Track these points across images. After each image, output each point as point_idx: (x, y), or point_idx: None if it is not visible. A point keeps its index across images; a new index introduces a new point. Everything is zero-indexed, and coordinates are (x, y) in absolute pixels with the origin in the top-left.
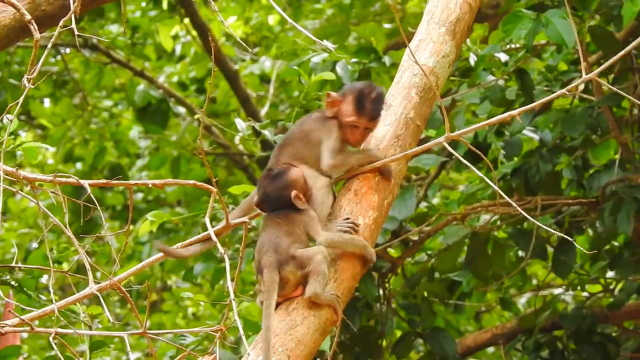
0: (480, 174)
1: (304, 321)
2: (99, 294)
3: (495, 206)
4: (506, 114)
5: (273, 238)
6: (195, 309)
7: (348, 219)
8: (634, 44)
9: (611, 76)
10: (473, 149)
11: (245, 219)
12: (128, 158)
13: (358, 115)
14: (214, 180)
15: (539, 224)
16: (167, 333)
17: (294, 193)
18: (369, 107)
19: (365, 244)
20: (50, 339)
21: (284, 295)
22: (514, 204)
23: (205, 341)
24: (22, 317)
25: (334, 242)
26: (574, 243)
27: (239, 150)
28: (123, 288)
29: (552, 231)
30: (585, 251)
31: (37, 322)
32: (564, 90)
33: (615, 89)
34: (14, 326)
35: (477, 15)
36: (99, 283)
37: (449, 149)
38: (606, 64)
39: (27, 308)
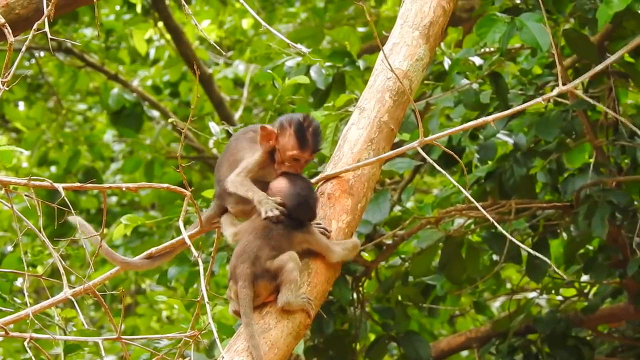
0: (452, 179)
1: (278, 325)
2: (72, 299)
3: (469, 210)
4: (480, 120)
5: (255, 248)
6: (169, 312)
7: (319, 224)
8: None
9: (586, 80)
10: (448, 151)
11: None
12: (102, 161)
13: (300, 149)
14: (185, 182)
15: (507, 234)
16: (141, 339)
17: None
18: (311, 140)
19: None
20: (25, 343)
21: (256, 304)
22: (483, 211)
23: (179, 345)
24: None
25: (345, 257)
26: (541, 257)
27: (212, 154)
28: (97, 292)
29: (517, 241)
30: (550, 263)
31: (11, 326)
32: (539, 99)
33: (588, 99)
34: None
35: (451, 19)
36: (74, 287)
37: (423, 154)
38: (583, 77)
39: (3, 309)
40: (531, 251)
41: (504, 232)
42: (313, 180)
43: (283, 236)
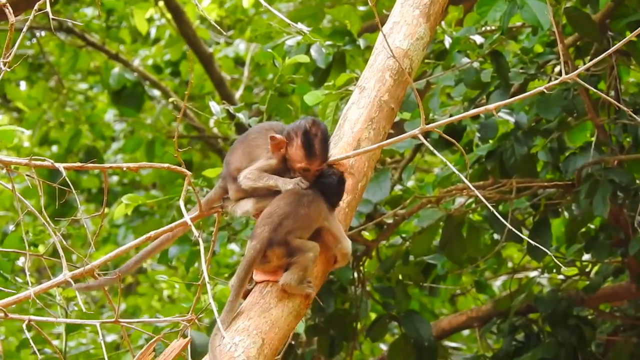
0: (449, 163)
1: (278, 304)
2: (71, 281)
3: (470, 189)
4: (482, 108)
5: (282, 215)
6: (170, 291)
7: None
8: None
9: (587, 58)
10: (447, 137)
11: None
12: (103, 141)
13: (309, 160)
14: (182, 164)
15: (499, 214)
16: (139, 322)
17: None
18: (319, 149)
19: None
20: (24, 326)
21: (261, 270)
22: (479, 195)
23: (181, 328)
24: None
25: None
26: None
27: (213, 133)
28: (99, 272)
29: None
30: (547, 250)
31: (13, 306)
32: (542, 88)
33: (590, 87)
34: None
35: None
36: (75, 266)
37: (423, 140)
38: (587, 65)
39: (4, 290)
40: (525, 237)
41: (497, 215)
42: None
43: (311, 208)
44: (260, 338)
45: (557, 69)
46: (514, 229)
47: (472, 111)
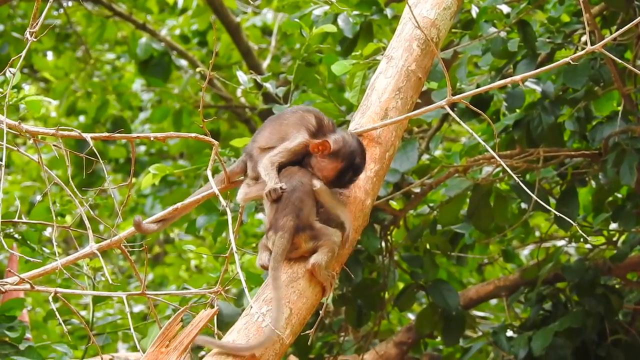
0: (475, 134)
1: (306, 274)
2: (98, 253)
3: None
4: (509, 79)
5: (298, 200)
6: (198, 261)
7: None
8: None
9: (614, 27)
10: (473, 108)
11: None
12: (130, 111)
13: (333, 183)
14: (208, 134)
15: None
16: (165, 294)
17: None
18: (347, 181)
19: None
20: (50, 297)
21: (292, 256)
22: (505, 166)
23: (208, 301)
24: (23, 275)
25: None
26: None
27: (240, 103)
28: (126, 243)
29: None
30: (573, 223)
31: (40, 277)
32: (568, 59)
33: (616, 58)
34: (15, 284)
35: None
36: (101, 238)
37: (449, 111)
38: (613, 35)
39: (31, 260)
40: (551, 209)
41: (522, 185)
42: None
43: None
44: (289, 308)
45: (583, 39)
46: (540, 201)
47: (499, 82)
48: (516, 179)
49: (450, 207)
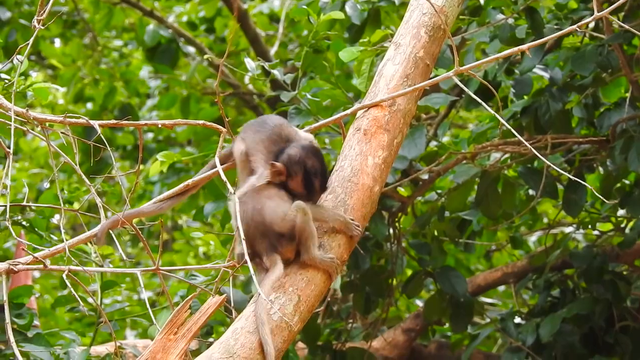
0: (490, 109)
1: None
2: (110, 232)
3: (505, 145)
4: (515, 49)
5: (256, 217)
6: (205, 248)
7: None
8: None
9: (621, 14)
10: (483, 82)
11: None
12: (138, 98)
13: (308, 195)
14: (226, 120)
15: (549, 163)
16: (179, 269)
17: None
18: (318, 185)
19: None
20: (64, 276)
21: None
22: (524, 142)
23: (215, 282)
24: (35, 254)
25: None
26: (584, 183)
27: (248, 89)
28: (134, 224)
29: (560, 170)
30: (594, 191)
31: (49, 261)
32: (574, 27)
33: (626, 26)
34: (27, 264)
35: None
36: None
37: (458, 83)
38: (617, 4)
39: (39, 247)
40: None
41: (545, 161)
42: (349, 111)
43: (273, 198)
44: (297, 295)
45: (591, 26)
46: (560, 171)
47: (506, 52)
48: (540, 157)
49: (458, 194)
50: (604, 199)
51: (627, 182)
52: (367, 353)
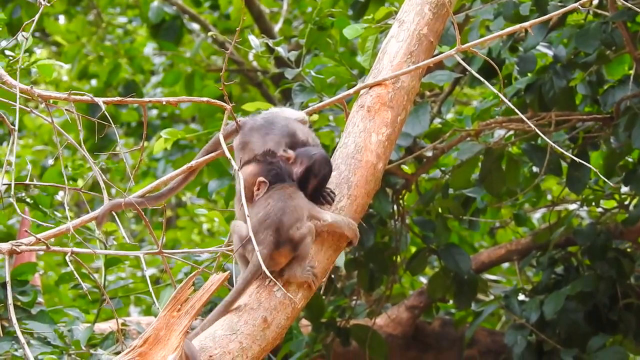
0: (494, 89)
1: (317, 238)
2: (113, 212)
3: (509, 122)
4: (519, 26)
5: (278, 213)
6: (210, 225)
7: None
8: None
9: None
10: (486, 58)
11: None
12: (142, 75)
13: (312, 197)
14: (226, 97)
15: (552, 143)
16: (182, 253)
17: None
18: (313, 186)
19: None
20: (67, 258)
21: (273, 269)
22: (527, 121)
23: (217, 257)
24: (38, 235)
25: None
26: (585, 163)
27: (252, 66)
28: (137, 205)
29: (562, 151)
30: (595, 170)
31: (52, 240)
32: (578, 4)
33: (629, 4)
34: (30, 245)
35: None
36: (114, 200)
37: (460, 61)
38: None
39: (43, 224)
40: (575, 158)
41: (548, 141)
42: (353, 90)
43: (297, 197)
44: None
45: (595, 3)
46: (564, 151)
47: (509, 29)
48: (542, 136)
49: (462, 171)
50: (606, 180)
51: (630, 159)
52: (371, 330)
